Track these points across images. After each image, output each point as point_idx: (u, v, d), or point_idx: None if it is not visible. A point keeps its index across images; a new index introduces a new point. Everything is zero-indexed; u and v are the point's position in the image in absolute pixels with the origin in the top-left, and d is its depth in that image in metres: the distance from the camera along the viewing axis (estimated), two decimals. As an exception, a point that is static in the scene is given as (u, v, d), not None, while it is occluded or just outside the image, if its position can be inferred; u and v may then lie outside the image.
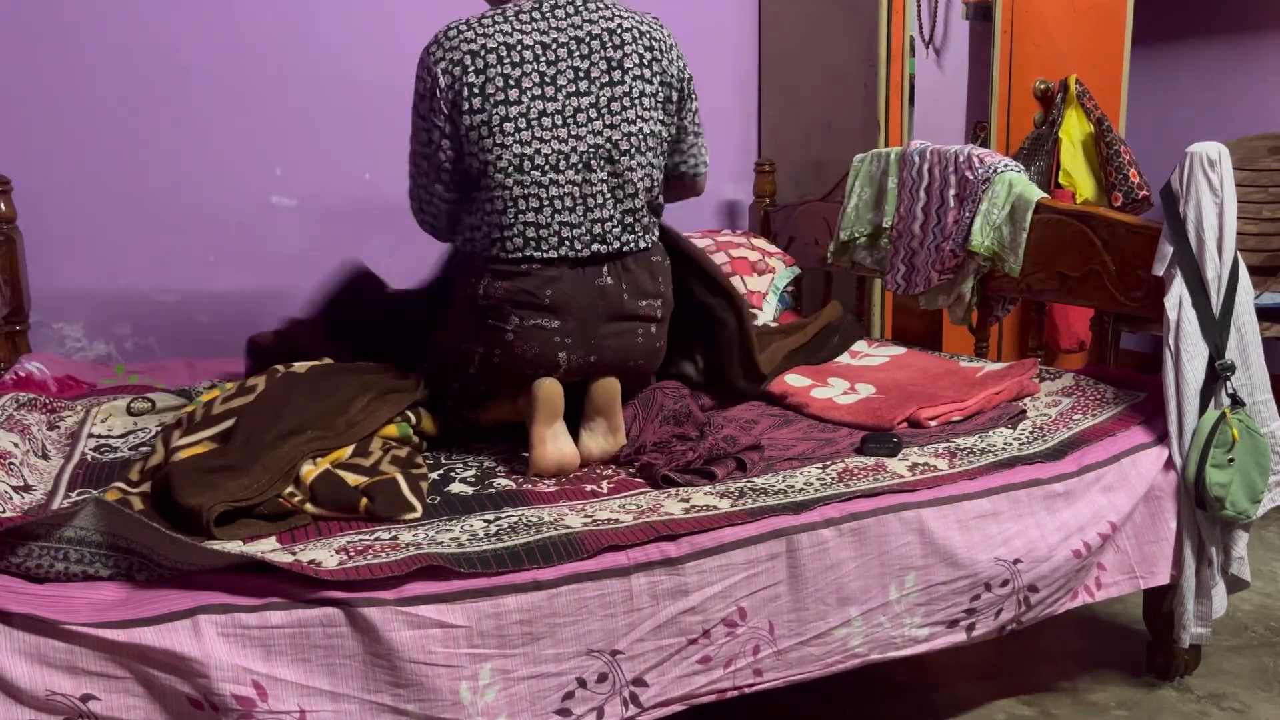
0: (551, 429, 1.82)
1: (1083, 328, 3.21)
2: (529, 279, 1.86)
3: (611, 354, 1.91)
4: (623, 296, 1.91)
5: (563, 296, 1.87)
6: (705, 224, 3.41)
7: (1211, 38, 3.78)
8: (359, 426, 1.78)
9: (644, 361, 1.98)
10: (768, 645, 1.58)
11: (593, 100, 1.89)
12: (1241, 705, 1.96)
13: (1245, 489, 1.87)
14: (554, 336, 1.87)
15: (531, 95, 1.86)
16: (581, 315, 1.88)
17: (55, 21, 2.64)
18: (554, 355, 1.87)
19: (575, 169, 1.87)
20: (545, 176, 1.86)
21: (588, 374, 1.90)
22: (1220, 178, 1.86)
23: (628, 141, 1.90)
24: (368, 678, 1.34)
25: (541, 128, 1.86)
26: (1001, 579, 1.73)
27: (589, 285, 1.89)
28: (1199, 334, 1.88)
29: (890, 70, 2.97)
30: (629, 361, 1.94)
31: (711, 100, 3.41)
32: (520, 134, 1.85)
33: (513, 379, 1.90)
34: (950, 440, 1.92)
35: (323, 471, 1.63)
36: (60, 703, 1.23)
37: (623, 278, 1.92)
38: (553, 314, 1.86)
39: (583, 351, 1.89)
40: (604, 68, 1.90)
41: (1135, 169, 3.17)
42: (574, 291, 1.88)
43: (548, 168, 1.86)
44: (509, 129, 1.85)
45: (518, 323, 1.86)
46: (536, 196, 1.86)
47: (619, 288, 1.91)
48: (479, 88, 1.85)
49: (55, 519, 1.33)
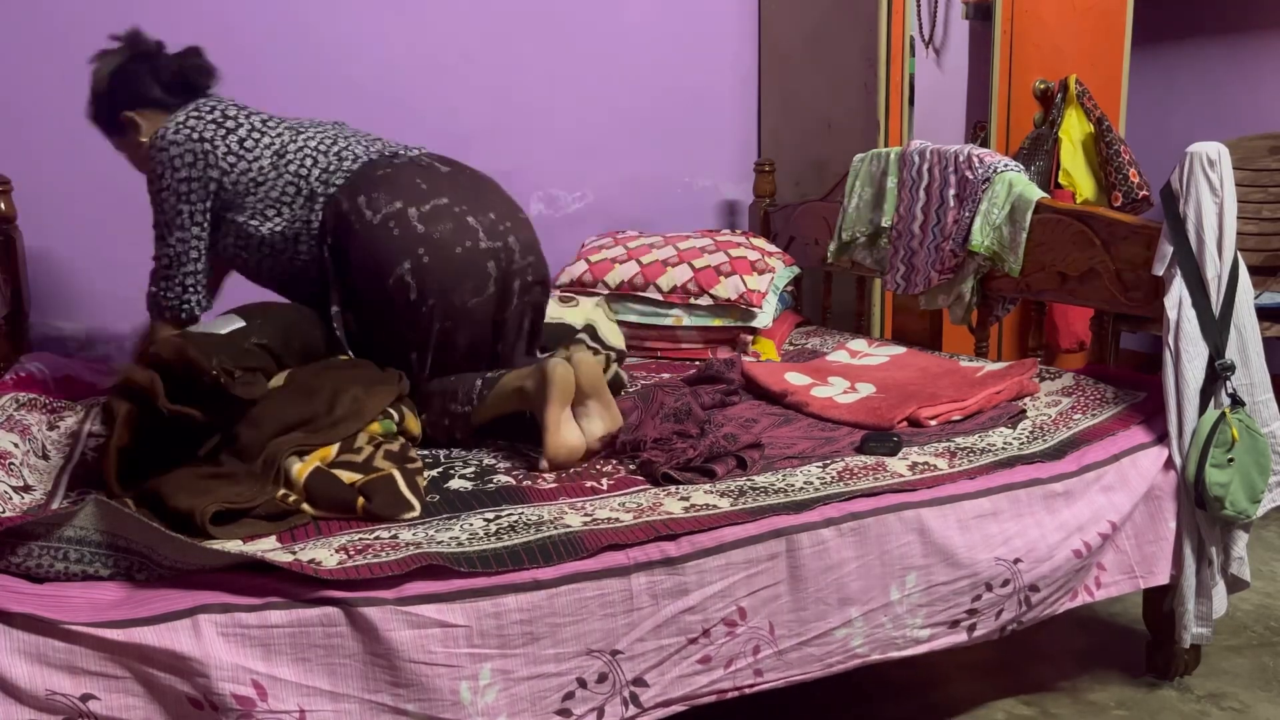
0: (566, 412, 1.81)
1: (1083, 328, 3.21)
2: (394, 177, 1.94)
3: (505, 209, 1.99)
4: (471, 169, 2.03)
5: (431, 179, 1.95)
6: (705, 224, 3.41)
7: (1211, 38, 3.78)
8: (343, 425, 1.75)
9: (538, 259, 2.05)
10: (768, 645, 1.58)
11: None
12: (1241, 705, 1.96)
13: (1245, 489, 1.87)
14: (453, 208, 1.92)
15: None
16: (454, 184, 1.96)
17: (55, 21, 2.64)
18: (465, 223, 1.92)
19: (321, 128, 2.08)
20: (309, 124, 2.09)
21: (509, 246, 1.95)
22: (1220, 177, 1.86)
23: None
24: (368, 677, 1.34)
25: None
26: (1002, 579, 1.73)
27: (438, 169, 1.98)
28: (1199, 334, 1.88)
29: (890, 70, 2.97)
30: (521, 215, 2.05)
31: (712, 100, 3.42)
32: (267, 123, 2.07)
33: (451, 275, 1.90)
34: (950, 440, 1.92)
35: (314, 470, 1.62)
36: (60, 702, 1.23)
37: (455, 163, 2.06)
38: (435, 193, 1.92)
39: (483, 212, 1.95)
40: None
41: (1135, 169, 3.17)
42: (434, 174, 1.97)
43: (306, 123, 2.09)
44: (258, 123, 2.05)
45: (416, 213, 1.90)
46: (319, 130, 2.07)
47: (460, 165, 2.04)
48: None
49: (55, 519, 1.33)
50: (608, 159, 3.21)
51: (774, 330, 2.74)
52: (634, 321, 2.71)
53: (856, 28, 3.03)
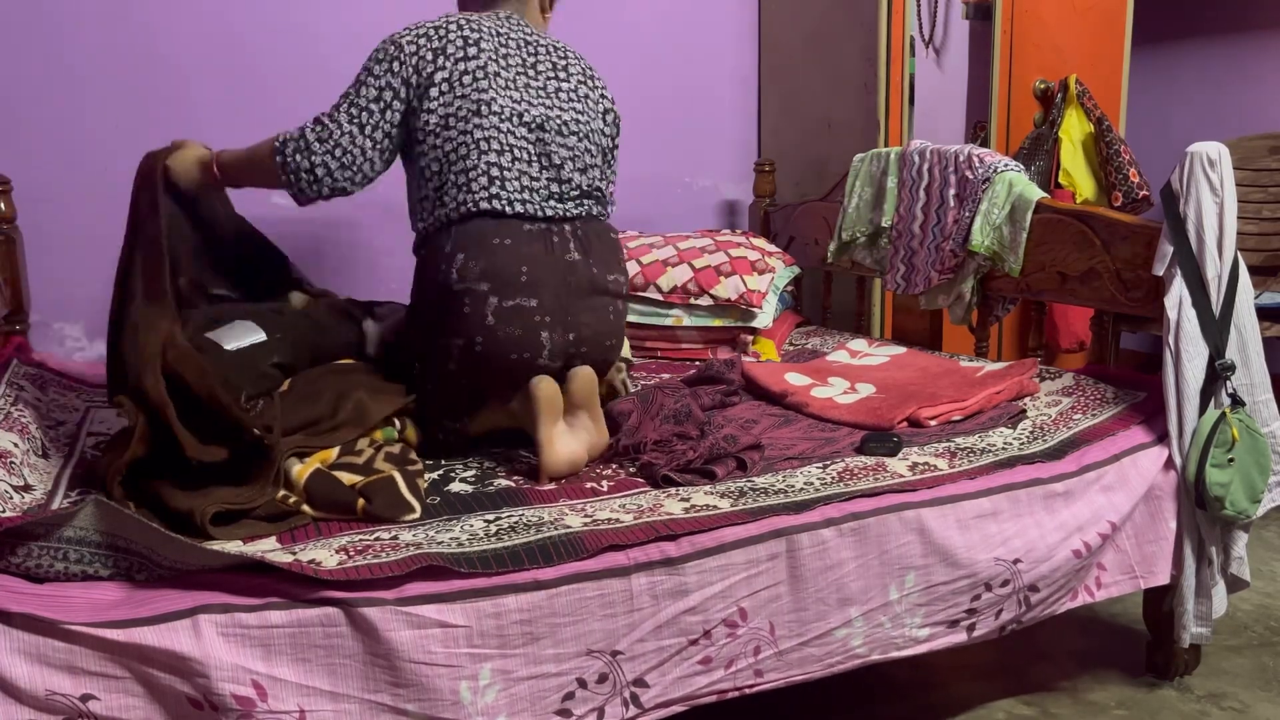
0: (558, 428, 1.80)
1: (1083, 328, 3.21)
2: (501, 254, 1.84)
3: (589, 331, 1.91)
4: (591, 270, 1.92)
5: (538, 273, 1.86)
6: (705, 223, 3.41)
7: (1211, 38, 3.78)
8: (345, 429, 1.75)
9: (614, 341, 1.99)
10: (769, 646, 1.57)
11: (540, 86, 1.97)
12: (1241, 705, 1.96)
13: (1245, 489, 1.87)
14: (534, 316, 1.85)
15: (488, 55, 1.92)
16: (556, 291, 1.87)
17: (55, 21, 2.64)
18: (537, 336, 1.85)
19: (529, 128, 1.92)
20: (503, 124, 1.90)
21: (569, 358, 1.89)
22: (1220, 177, 1.86)
23: (575, 124, 1.97)
24: (368, 677, 1.34)
25: (499, 83, 1.91)
26: (1002, 579, 1.73)
27: (558, 261, 1.89)
28: (1199, 334, 1.88)
29: (890, 70, 2.97)
30: (606, 340, 1.95)
31: (712, 100, 3.42)
32: (479, 83, 1.89)
33: (495, 371, 1.85)
34: (950, 440, 1.92)
35: (314, 471, 1.62)
36: (60, 702, 1.22)
37: (589, 251, 1.92)
38: (530, 292, 1.85)
39: (562, 330, 1.87)
40: (549, 68, 2.00)
41: (1135, 169, 3.17)
42: (548, 266, 1.87)
43: (506, 115, 1.90)
44: (467, 81, 1.89)
45: (497, 304, 1.83)
46: (496, 140, 1.88)
47: (586, 262, 1.91)
48: (441, 49, 1.91)
49: (55, 519, 1.33)
50: (608, 159, 3.21)
51: (774, 330, 2.74)
52: (634, 321, 2.71)
53: (856, 28, 3.03)
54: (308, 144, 1.89)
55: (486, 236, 1.84)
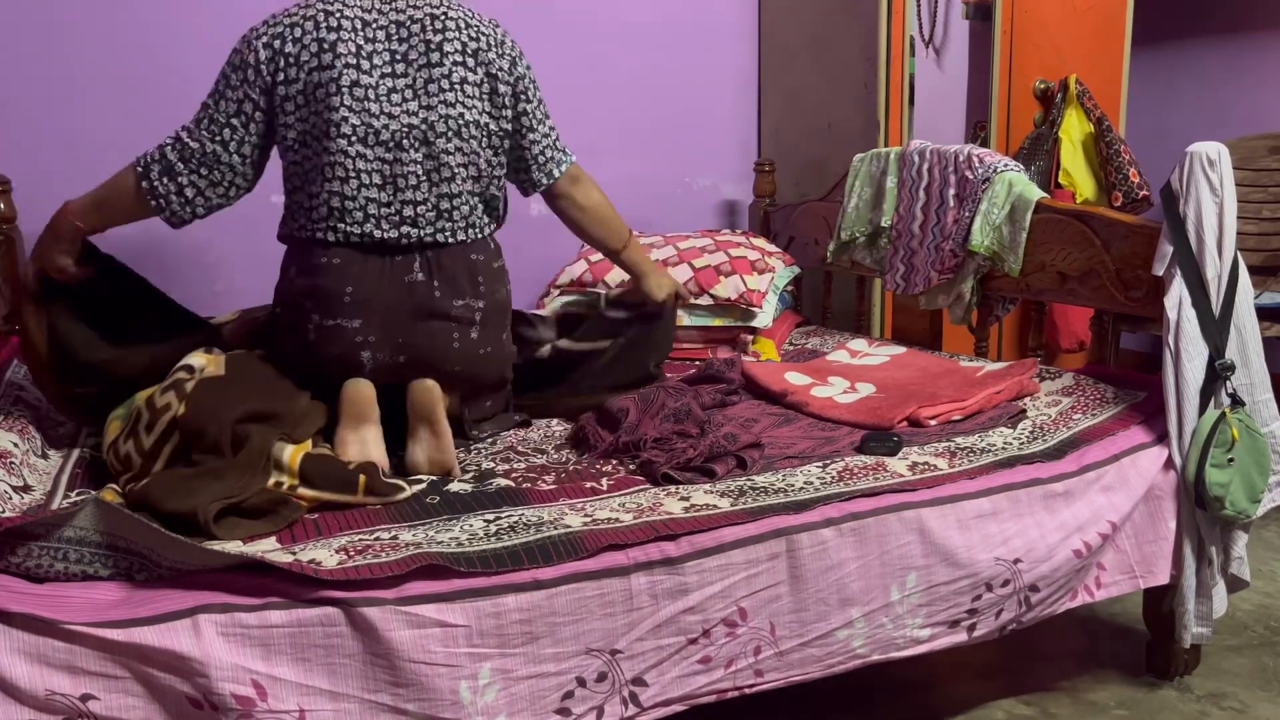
0: (357, 433, 1.77)
1: (1083, 328, 3.21)
2: (328, 275, 1.82)
3: (424, 355, 1.85)
4: (434, 294, 1.86)
5: (364, 294, 1.82)
6: (705, 223, 3.41)
7: (1211, 38, 3.78)
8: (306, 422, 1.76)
9: (461, 368, 1.89)
10: (769, 646, 1.57)
11: (409, 82, 1.86)
12: (1241, 705, 1.96)
13: (1245, 489, 1.87)
14: (355, 337, 1.82)
15: (345, 61, 1.82)
16: (386, 313, 1.83)
17: (55, 21, 2.64)
18: (357, 356, 1.82)
19: (385, 146, 1.84)
20: (352, 148, 1.82)
21: (400, 376, 1.84)
22: (1220, 177, 1.86)
23: (444, 124, 1.86)
24: (367, 677, 1.34)
25: (352, 98, 1.82)
26: (1002, 579, 1.73)
27: (397, 281, 1.84)
28: (1199, 334, 1.88)
29: (890, 70, 2.97)
30: (444, 366, 1.87)
31: (711, 100, 3.42)
32: (331, 99, 1.81)
33: (322, 384, 1.83)
34: (950, 439, 1.92)
35: (306, 454, 1.63)
36: (60, 702, 1.22)
37: (436, 274, 1.87)
38: (353, 313, 1.82)
39: (390, 351, 1.84)
40: (421, 54, 1.87)
41: (1135, 169, 3.17)
42: (378, 288, 1.83)
43: (355, 139, 1.82)
44: (320, 95, 1.82)
45: (318, 321, 1.82)
46: (342, 166, 1.82)
47: (430, 284, 1.86)
48: (294, 56, 1.82)
49: (55, 519, 1.33)
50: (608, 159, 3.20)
51: (774, 330, 2.74)
52: (634, 321, 2.71)
53: (856, 28, 3.03)
54: (170, 165, 1.84)
55: (317, 255, 1.84)
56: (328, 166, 1.82)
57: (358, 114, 1.82)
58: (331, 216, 1.83)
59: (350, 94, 1.82)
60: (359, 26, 1.85)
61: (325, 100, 1.82)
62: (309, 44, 1.83)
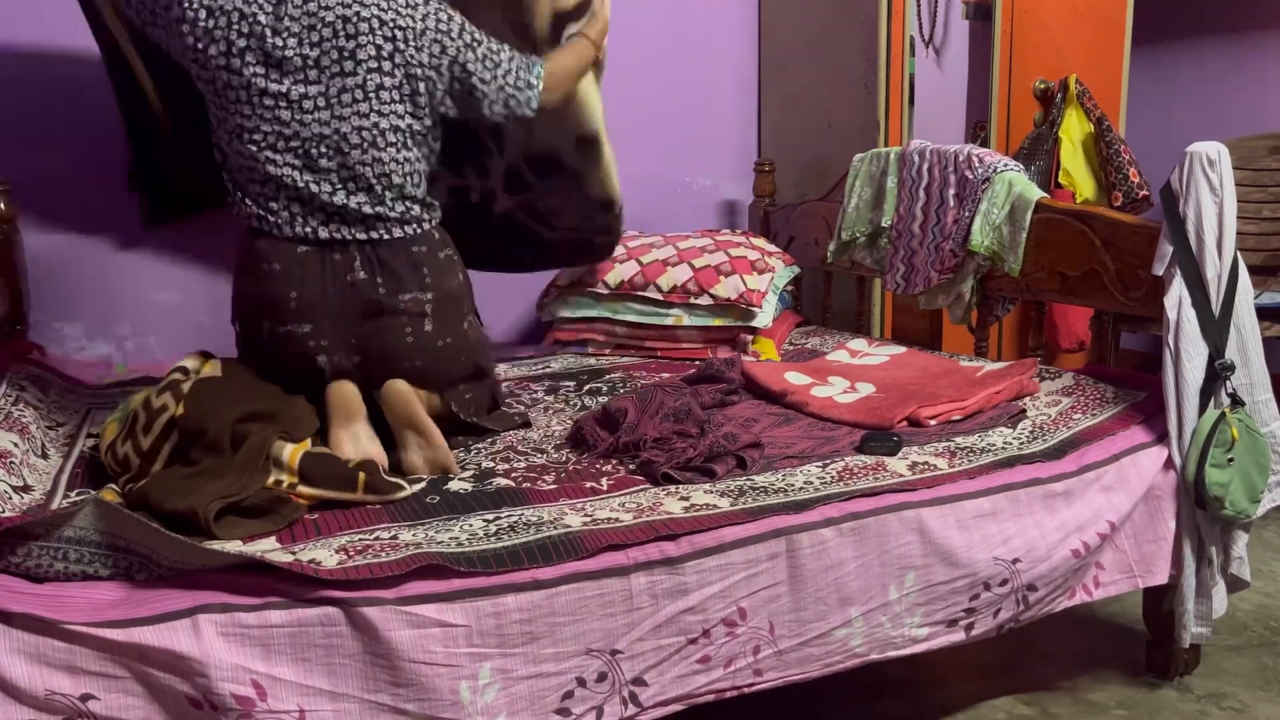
0: (350, 430, 1.77)
1: (1083, 328, 3.20)
2: (270, 282, 1.81)
3: (378, 353, 1.84)
4: (377, 290, 1.83)
5: (309, 297, 1.81)
6: (705, 223, 3.41)
7: (1211, 38, 3.77)
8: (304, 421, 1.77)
9: (423, 363, 1.87)
10: (768, 645, 1.57)
11: (321, 89, 1.80)
12: (1241, 705, 1.96)
13: (1245, 488, 1.87)
14: (307, 341, 1.81)
15: (254, 69, 1.78)
16: (334, 315, 1.82)
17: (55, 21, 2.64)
18: (313, 361, 1.82)
19: (295, 154, 1.80)
20: (262, 154, 1.80)
21: (364, 377, 1.83)
22: (1220, 177, 1.86)
23: (358, 135, 1.82)
24: (367, 677, 1.34)
25: (262, 106, 1.79)
26: (1000, 578, 1.73)
27: (337, 282, 1.82)
28: (1199, 334, 1.88)
29: (890, 70, 2.97)
30: (403, 362, 1.85)
31: (712, 100, 3.42)
32: (240, 106, 1.79)
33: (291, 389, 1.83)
34: (950, 439, 1.92)
35: (306, 452, 1.63)
36: (60, 702, 1.23)
37: (377, 270, 1.84)
38: (301, 318, 1.81)
39: (345, 353, 1.83)
40: (335, 57, 1.80)
41: (1135, 169, 3.17)
42: (320, 291, 1.81)
43: (264, 146, 1.79)
44: (230, 97, 1.79)
45: (270, 328, 1.83)
46: (258, 170, 1.80)
47: (373, 281, 1.83)
48: (202, 49, 1.79)
49: (55, 519, 1.33)
50: (607, 159, 3.21)
51: (774, 330, 2.74)
52: (634, 321, 2.71)
53: (856, 28, 3.03)
54: None
55: (259, 261, 1.83)
56: (247, 168, 1.82)
57: (270, 123, 1.80)
58: (263, 213, 1.83)
59: (261, 102, 1.79)
60: (270, 34, 1.79)
61: (236, 105, 1.80)
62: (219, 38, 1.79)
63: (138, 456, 1.64)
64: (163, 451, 1.64)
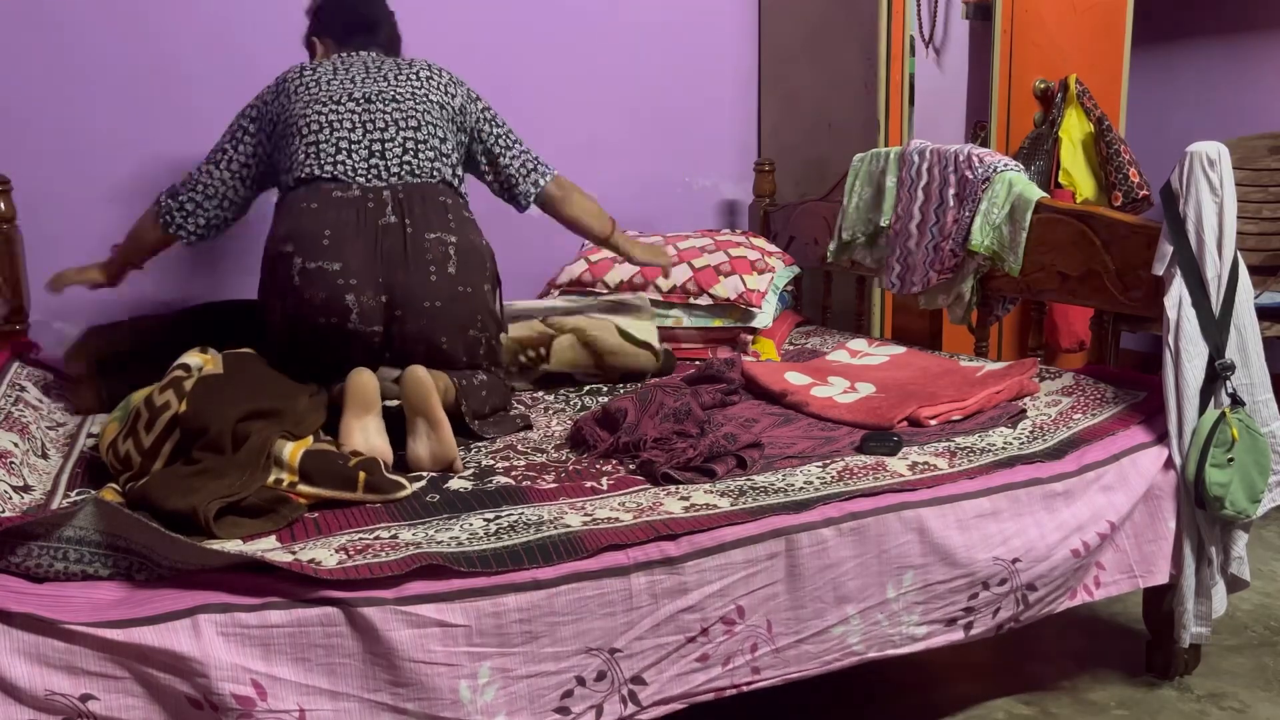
0: (361, 421, 1.79)
1: (1083, 328, 3.21)
2: (306, 218, 1.93)
3: (403, 294, 1.93)
4: (405, 232, 1.96)
5: (342, 236, 1.92)
6: (705, 223, 3.42)
7: (1211, 38, 3.78)
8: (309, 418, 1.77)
9: (442, 304, 1.97)
10: (766, 643, 1.58)
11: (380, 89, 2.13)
12: (1241, 705, 1.96)
13: (1245, 488, 1.87)
14: (338, 279, 1.89)
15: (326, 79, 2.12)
16: (366, 255, 1.92)
17: (56, 21, 2.64)
18: (341, 299, 1.90)
19: (356, 101, 2.09)
20: (326, 108, 2.07)
21: (387, 323, 1.93)
22: (1220, 177, 1.86)
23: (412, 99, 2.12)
24: (367, 677, 1.34)
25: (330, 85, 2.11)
26: (999, 578, 1.73)
27: (370, 225, 1.94)
28: (1199, 334, 1.88)
29: (890, 70, 2.97)
30: (424, 301, 1.95)
31: (712, 100, 3.42)
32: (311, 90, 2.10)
33: (309, 335, 1.92)
34: (950, 439, 1.92)
35: (307, 450, 1.63)
36: (59, 702, 1.23)
37: (407, 214, 1.97)
38: (333, 255, 1.90)
39: (373, 292, 1.92)
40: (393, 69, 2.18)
41: (1135, 168, 3.17)
42: (354, 231, 1.93)
43: (329, 100, 2.08)
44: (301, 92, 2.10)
45: (300, 265, 1.90)
46: (317, 120, 2.05)
47: (401, 225, 1.96)
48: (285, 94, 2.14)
49: (55, 518, 1.33)
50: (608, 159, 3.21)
51: (774, 330, 2.74)
52: (634, 321, 2.71)
53: (856, 28, 3.03)
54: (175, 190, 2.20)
55: (296, 202, 1.96)
56: (305, 126, 2.05)
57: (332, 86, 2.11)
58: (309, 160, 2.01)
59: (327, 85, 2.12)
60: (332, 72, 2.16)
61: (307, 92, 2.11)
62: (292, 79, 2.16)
63: (139, 454, 1.64)
64: (164, 449, 1.64)
